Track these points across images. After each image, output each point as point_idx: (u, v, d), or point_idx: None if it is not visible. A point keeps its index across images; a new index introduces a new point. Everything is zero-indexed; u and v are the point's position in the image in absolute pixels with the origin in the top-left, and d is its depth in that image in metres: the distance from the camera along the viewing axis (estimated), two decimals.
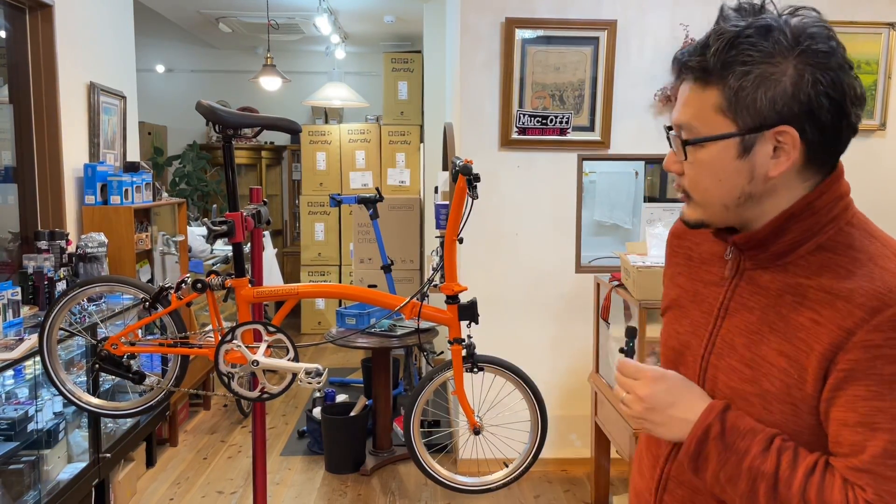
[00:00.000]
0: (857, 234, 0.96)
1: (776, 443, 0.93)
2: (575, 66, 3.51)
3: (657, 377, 1.02)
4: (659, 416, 1.01)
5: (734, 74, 0.91)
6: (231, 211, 1.95)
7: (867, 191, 3.70)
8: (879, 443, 0.86)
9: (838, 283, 0.91)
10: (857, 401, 0.87)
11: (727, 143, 0.94)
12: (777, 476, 0.91)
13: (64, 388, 2.08)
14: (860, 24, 3.56)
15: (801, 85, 0.89)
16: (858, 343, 0.87)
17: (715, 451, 0.96)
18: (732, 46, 0.91)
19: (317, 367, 1.93)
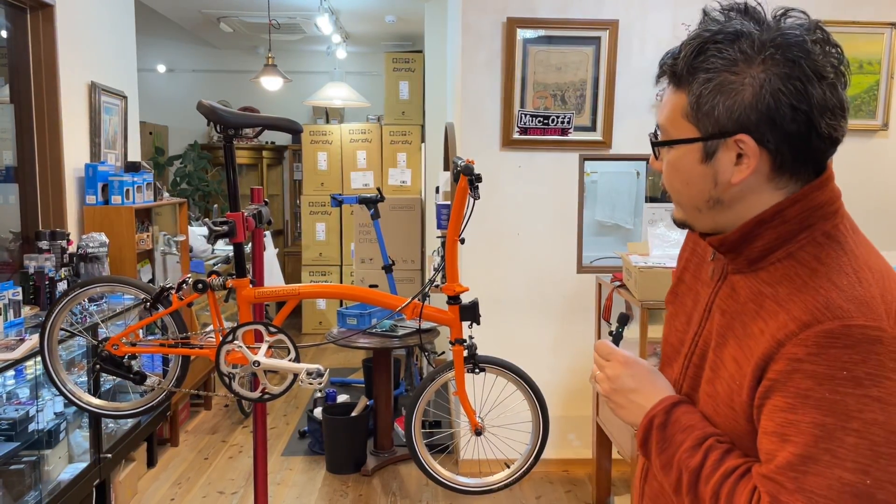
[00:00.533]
0: (830, 246, 0.94)
1: (708, 442, 0.96)
2: (576, 66, 3.51)
3: (627, 362, 1.07)
4: (621, 399, 1.06)
5: (697, 81, 0.92)
6: (232, 211, 1.94)
7: (870, 191, 3.71)
8: (785, 454, 0.87)
9: (789, 295, 0.91)
10: (775, 411, 0.89)
11: (690, 148, 0.95)
12: (699, 472, 0.95)
13: (65, 388, 2.07)
14: (862, 24, 3.55)
15: (761, 94, 0.89)
16: (784, 355, 0.88)
17: (655, 441, 1.01)
18: (700, 52, 0.92)
19: (318, 368, 1.92)
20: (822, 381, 0.85)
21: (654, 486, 1.13)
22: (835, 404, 0.84)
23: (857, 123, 3.64)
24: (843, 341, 0.85)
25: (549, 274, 3.66)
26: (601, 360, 1.11)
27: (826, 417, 0.84)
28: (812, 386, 0.85)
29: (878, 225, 3.76)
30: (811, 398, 0.85)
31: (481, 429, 2.09)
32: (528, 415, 2.13)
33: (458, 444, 3.78)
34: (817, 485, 0.84)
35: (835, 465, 0.84)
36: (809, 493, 0.84)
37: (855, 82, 3.61)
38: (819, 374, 0.85)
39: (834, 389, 0.84)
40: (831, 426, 0.84)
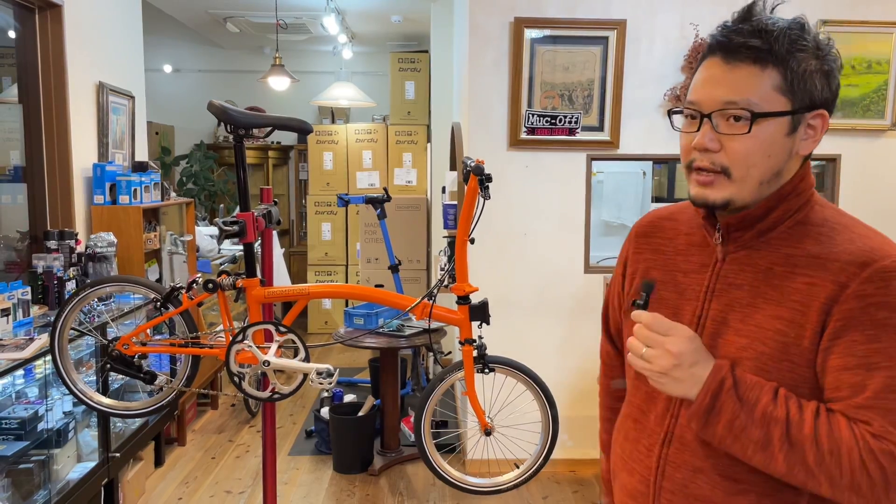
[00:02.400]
0: (828, 212, 1.08)
1: (782, 392, 1.01)
2: (584, 66, 3.50)
3: (691, 337, 1.06)
4: (682, 373, 1.04)
5: (795, 59, 1.01)
6: (243, 211, 1.95)
7: (878, 191, 3.70)
8: (879, 379, 0.95)
9: (824, 249, 1.02)
10: (854, 345, 0.96)
11: (782, 121, 1.03)
12: (788, 420, 0.98)
13: (75, 387, 2.08)
14: (871, 23, 3.54)
15: (832, 78, 1.04)
16: (851, 294, 0.97)
17: (729, 402, 1.00)
18: (789, 35, 1.01)
19: (328, 368, 1.92)
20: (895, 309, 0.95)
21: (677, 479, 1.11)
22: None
23: (865, 123, 3.63)
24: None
25: (557, 274, 3.65)
26: (657, 336, 1.05)
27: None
28: (889, 314, 0.95)
29: (886, 225, 3.74)
30: (891, 325, 0.95)
31: (491, 429, 2.09)
32: (537, 415, 2.13)
33: (465, 443, 3.78)
34: None
35: None
36: None
37: (863, 82, 3.60)
38: (891, 303, 0.96)
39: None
40: None
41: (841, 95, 3.57)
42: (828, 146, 3.67)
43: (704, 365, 1.04)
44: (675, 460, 1.11)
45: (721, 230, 1.10)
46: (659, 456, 1.13)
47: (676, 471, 1.11)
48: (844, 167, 3.68)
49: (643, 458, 1.17)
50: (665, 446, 1.13)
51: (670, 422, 1.13)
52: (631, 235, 1.31)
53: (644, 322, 1.07)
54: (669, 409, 1.13)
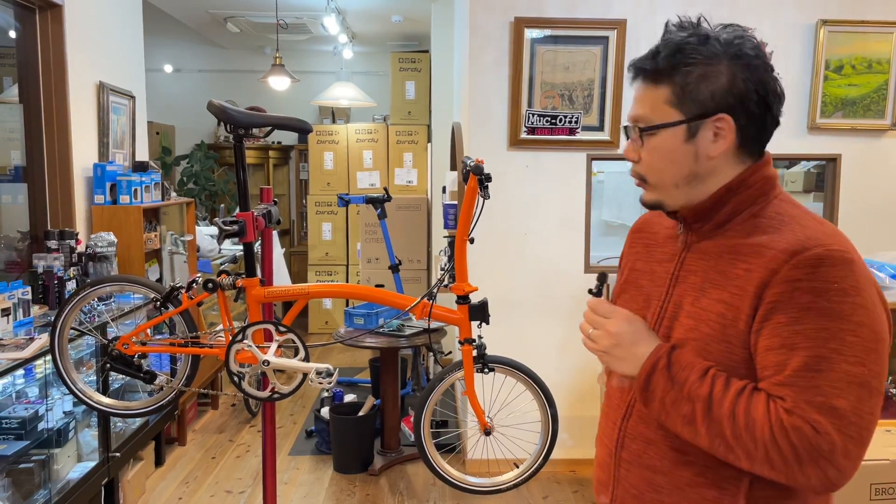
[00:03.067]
0: (784, 205, 1.15)
1: (711, 372, 1.08)
2: (584, 66, 3.50)
3: (630, 318, 1.18)
4: (622, 352, 1.16)
5: (680, 73, 1.11)
6: (242, 211, 1.95)
7: (879, 191, 3.70)
8: (798, 359, 1.02)
9: (766, 239, 1.10)
10: (779, 327, 1.04)
11: (676, 130, 1.13)
12: (711, 397, 1.06)
13: (75, 387, 2.08)
14: (871, 23, 3.54)
15: (735, 81, 1.10)
16: (780, 279, 1.04)
17: (661, 381, 1.11)
18: (679, 51, 1.12)
19: (328, 367, 1.92)
20: (819, 294, 1.02)
21: (633, 449, 1.22)
22: (832, 311, 1.01)
23: (866, 123, 3.63)
24: (829, 261, 1.03)
25: (557, 274, 3.65)
26: (600, 318, 1.20)
27: (828, 322, 1.01)
28: (811, 299, 1.02)
29: (886, 224, 3.75)
30: (813, 309, 1.02)
31: (490, 429, 2.09)
32: (536, 415, 2.13)
33: (465, 443, 3.78)
34: (831, 378, 1.00)
35: (842, 361, 1.00)
36: (824, 387, 1.00)
37: (864, 82, 3.60)
38: (816, 288, 1.02)
39: (829, 299, 1.01)
40: (834, 328, 1.01)
41: (841, 95, 3.59)
42: (828, 146, 3.67)
43: (646, 345, 1.15)
44: (632, 433, 1.22)
45: (682, 222, 1.21)
46: (620, 428, 1.24)
47: (633, 442, 1.22)
48: (845, 167, 3.68)
49: (610, 431, 1.28)
50: (626, 420, 1.24)
51: (631, 397, 1.23)
52: (630, 231, 1.43)
53: (589, 306, 1.23)
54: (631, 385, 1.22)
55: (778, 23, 3.57)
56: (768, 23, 3.56)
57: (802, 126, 3.64)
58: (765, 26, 3.56)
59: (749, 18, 3.56)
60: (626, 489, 1.23)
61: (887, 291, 2.70)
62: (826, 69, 3.58)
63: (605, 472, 1.29)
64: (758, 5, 3.56)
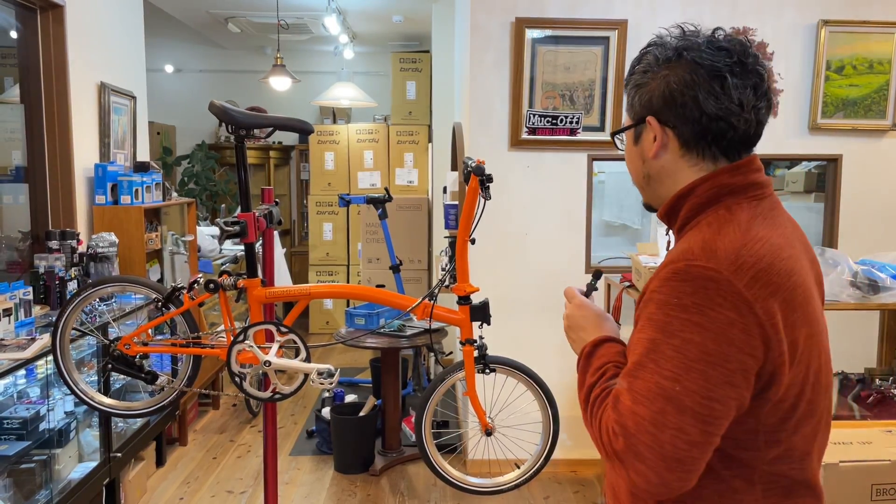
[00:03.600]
0: (725, 216, 1.10)
1: (606, 366, 1.16)
2: (585, 66, 3.50)
3: (581, 305, 1.31)
4: (573, 335, 1.30)
5: (630, 83, 1.20)
6: (244, 211, 1.95)
7: (880, 191, 3.70)
8: (629, 363, 1.08)
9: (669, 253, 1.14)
10: (633, 335, 1.11)
11: (628, 134, 1.22)
12: (591, 387, 1.16)
13: (77, 387, 2.08)
14: (872, 23, 3.54)
15: (662, 86, 1.14)
16: (648, 288, 1.10)
17: (581, 367, 1.23)
18: (637, 61, 1.20)
19: (329, 368, 1.92)
20: (661, 306, 1.04)
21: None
22: (664, 324, 1.03)
23: (867, 123, 3.63)
24: (682, 276, 1.03)
25: (558, 274, 3.65)
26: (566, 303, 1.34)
27: (656, 334, 1.04)
28: (654, 310, 1.05)
29: (887, 225, 3.75)
30: (652, 320, 1.05)
31: (491, 429, 2.09)
32: (538, 415, 2.13)
33: (466, 444, 3.78)
34: (640, 387, 1.03)
35: (655, 372, 1.02)
36: (634, 393, 1.03)
37: (865, 82, 3.60)
38: (660, 300, 1.05)
39: (666, 312, 1.03)
40: (658, 341, 1.03)
41: (842, 95, 3.59)
42: (829, 146, 3.67)
43: (591, 332, 1.25)
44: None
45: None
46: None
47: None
48: (846, 167, 3.68)
49: None
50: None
51: None
52: None
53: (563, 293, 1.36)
54: None
55: (779, 23, 3.57)
56: (769, 23, 3.56)
57: (803, 126, 3.64)
58: (766, 27, 3.56)
59: (750, 19, 3.56)
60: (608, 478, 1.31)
61: (888, 292, 2.70)
62: (827, 69, 3.58)
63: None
64: (759, 6, 3.56)
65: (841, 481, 2.26)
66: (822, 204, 3.80)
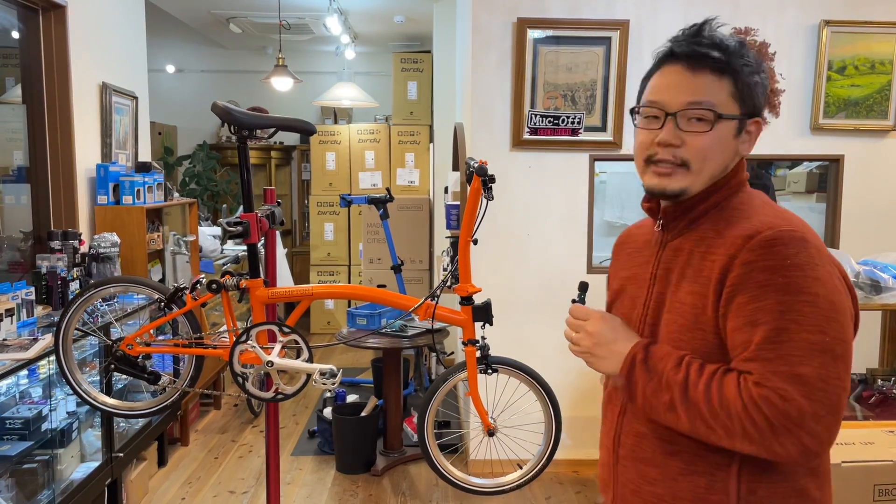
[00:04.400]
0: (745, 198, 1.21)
1: (686, 359, 1.13)
2: (587, 67, 3.50)
3: (605, 317, 1.26)
4: (602, 351, 1.23)
5: (744, 72, 1.17)
6: (246, 211, 1.95)
7: (881, 191, 3.70)
8: (760, 334, 1.06)
9: (727, 229, 1.16)
10: (742, 307, 1.09)
11: (733, 124, 1.18)
12: (686, 382, 1.11)
13: (79, 388, 2.08)
14: (874, 24, 3.54)
15: (766, 91, 1.21)
16: (738, 263, 1.10)
17: (641, 374, 1.16)
18: (739, 51, 1.17)
19: (331, 368, 1.92)
20: (774, 271, 1.07)
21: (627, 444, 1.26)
22: (788, 285, 1.06)
23: (868, 123, 3.63)
24: (781, 241, 1.08)
25: (560, 274, 3.65)
26: (578, 322, 1.28)
27: (784, 296, 1.06)
28: (767, 277, 1.07)
29: (889, 225, 3.74)
30: (769, 286, 1.07)
31: (494, 429, 2.09)
32: (540, 415, 2.13)
33: (468, 444, 3.78)
34: (792, 348, 1.04)
35: (801, 330, 1.04)
36: (788, 357, 1.04)
37: (867, 82, 3.60)
38: (770, 266, 1.07)
39: (784, 275, 1.06)
40: (790, 301, 1.05)
41: (844, 95, 3.59)
42: (831, 146, 3.67)
43: (624, 343, 1.20)
44: (627, 429, 1.26)
45: (661, 219, 1.26)
46: (616, 426, 1.29)
47: (627, 437, 1.26)
48: (848, 167, 3.67)
49: (609, 430, 1.32)
50: (621, 417, 1.28)
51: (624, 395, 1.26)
52: (613, 247, 1.50)
53: (570, 312, 1.29)
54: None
55: (781, 23, 3.57)
56: (771, 23, 3.56)
57: (805, 126, 3.64)
58: (768, 27, 3.56)
59: (752, 19, 3.56)
60: (624, 484, 1.26)
61: (890, 292, 2.70)
62: (829, 70, 3.58)
63: (606, 472, 1.33)
64: (761, 6, 3.56)
65: (843, 482, 2.26)
66: (823, 204, 3.79)
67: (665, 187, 1.20)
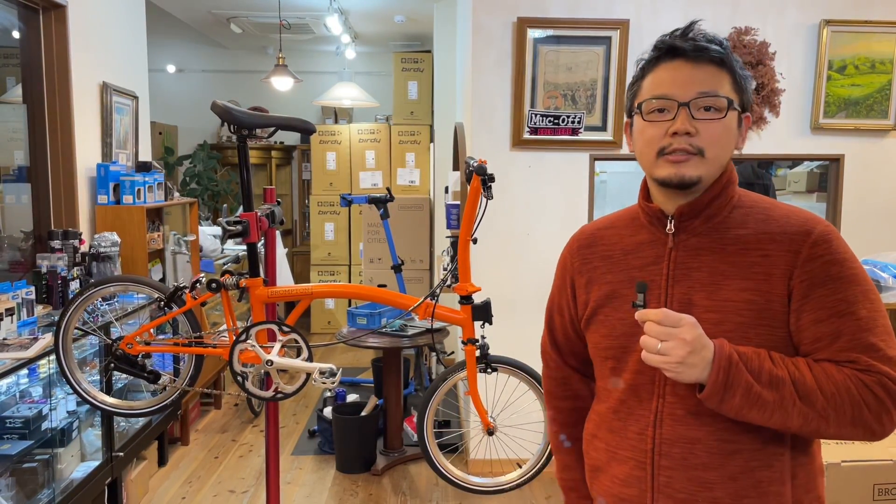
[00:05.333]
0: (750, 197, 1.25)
1: (775, 356, 1.14)
2: (587, 66, 3.50)
3: (696, 323, 1.13)
4: (696, 358, 1.11)
5: (738, 66, 1.21)
6: (246, 211, 1.95)
7: (881, 191, 3.70)
8: (850, 323, 1.12)
9: (768, 227, 1.18)
10: (822, 300, 1.13)
11: (735, 114, 1.21)
12: (793, 378, 1.11)
13: (79, 387, 2.08)
14: (874, 23, 3.54)
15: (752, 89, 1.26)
16: (805, 258, 1.14)
17: (741, 375, 1.11)
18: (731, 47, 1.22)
19: (331, 367, 1.93)
20: (842, 264, 1.14)
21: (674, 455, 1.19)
22: (856, 276, 1.15)
23: (868, 123, 3.63)
24: (832, 235, 1.16)
25: None
26: (670, 329, 1.10)
27: (857, 286, 1.14)
28: (839, 269, 1.14)
29: (889, 225, 3.74)
30: (843, 277, 1.14)
31: (493, 428, 2.09)
32: (539, 415, 2.13)
33: (468, 443, 3.78)
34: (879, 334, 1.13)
35: (879, 316, 1.14)
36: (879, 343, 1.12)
37: (867, 82, 3.60)
38: (837, 260, 1.14)
39: (849, 267, 1.15)
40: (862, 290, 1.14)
41: (844, 95, 3.59)
42: (831, 146, 3.67)
43: (709, 347, 1.12)
44: (670, 437, 1.19)
45: (674, 219, 1.22)
46: (653, 437, 1.21)
47: (673, 447, 1.19)
48: (848, 167, 3.67)
49: (636, 443, 1.23)
50: (657, 427, 1.21)
51: (658, 403, 1.21)
52: (571, 249, 1.42)
53: (654, 319, 1.12)
54: (654, 392, 1.21)
55: (781, 23, 3.57)
56: (771, 23, 3.56)
57: (805, 126, 3.64)
58: (768, 26, 3.56)
59: (752, 18, 3.56)
60: (671, 496, 1.19)
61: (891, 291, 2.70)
62: (829, 69, 3.57)
63: (635, 488, 1.23)
64: (761, 5, 3.56)
65: (843, 481, 2.26)
66: (824, 204, 3.79)
67: (683, 175, 1.17)
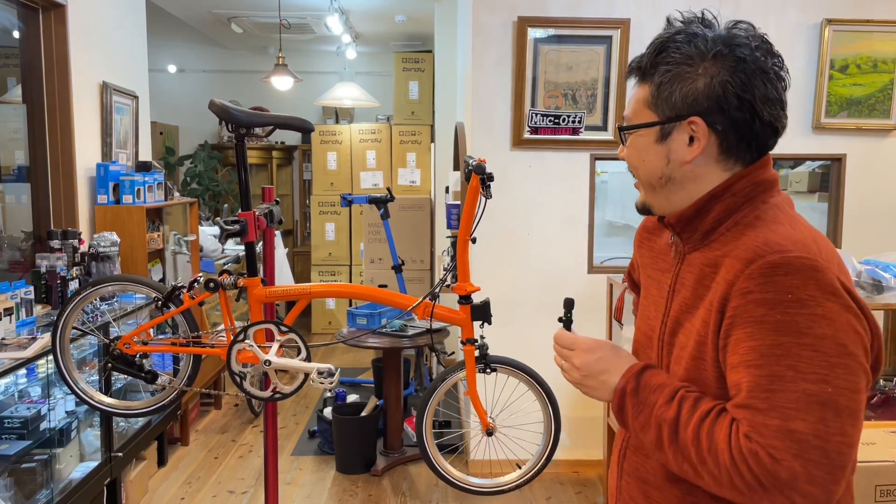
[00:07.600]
0: (768, 209, 1.06)
1: (680, 393, 1.03)
2: (588, 66, 3.49)
3: (590, 348, 1.15)
4: (593, 382, 1.14)
5: (658, 72, 1.07)
6: (244, 210, 1.94)
7: (883, 191, 3.69)
8: (752, 378, 0.95)
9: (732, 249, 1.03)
10: (738, 344, 0.98)
11: (649, 131, 1.09)
12: (677, 421, 1.01)
13: (77, 387, 2.07)
14: (876, 22, 3.53)
15: (712, 84, 1.04)
16: (737, 291, 0.98)
17: (630, 405, 1.08)
18: (662, 50, 1.08)
19: (329, 368, 1.91)
20: (773, 306, 0.94)
21: (633, 461, 1.20)
22: (787, 324, 0.93)
23: (870, 123, 3.61)
24: (785, 269, 0.95)
25: (560, 274, 3.64)
26: (565, 351, 1.18)
27: (782, 337, 0.93)
28: (765, 312, 0.95)
29: (891, 224, 3.73)
30: (766, 322, 0.95)
31: (493, 429, 2.08)
32: (539, 415, 2.12)
33: (467, 444, 3.77)
34: (785, 399, 0.92)
35: (798, 379, 0.92)
36: (781, 409, 0.92)
37: (868, 81, 3.59)
38: (768, 300, 0.95)
39: (784, 311, 0.94)
40: (787, 344, 0.93)
41: (846, 95, 3.58)
42: (833, 146, 3.66)
43: (615, 372, 1.11)
44: (634, 444, 1.21)
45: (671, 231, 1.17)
46: (624, 439, 1.24)
47: (633, 454, 1.21)
48: (850, 167, 3.66)
49: (619, 439, 1.28)
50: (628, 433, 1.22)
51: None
52: (640, 228, 1.37)
53: (554, 339, 1.20)
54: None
55: (783, 22, 3.56)
56: (773, 22, 3.55)
57: (807, 126, 3.63)
58: (769, 26, 3.55)
59: (753, 18, 3.53)
60: (626, 500, 1.22)
61: (892, 292, 2.68)
62: (831, 69, 3.56)
63: (613, 480, 1.29)
64: (762, 4, 3.55)
65: None
66: (825, 204, 3.78)
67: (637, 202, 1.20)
